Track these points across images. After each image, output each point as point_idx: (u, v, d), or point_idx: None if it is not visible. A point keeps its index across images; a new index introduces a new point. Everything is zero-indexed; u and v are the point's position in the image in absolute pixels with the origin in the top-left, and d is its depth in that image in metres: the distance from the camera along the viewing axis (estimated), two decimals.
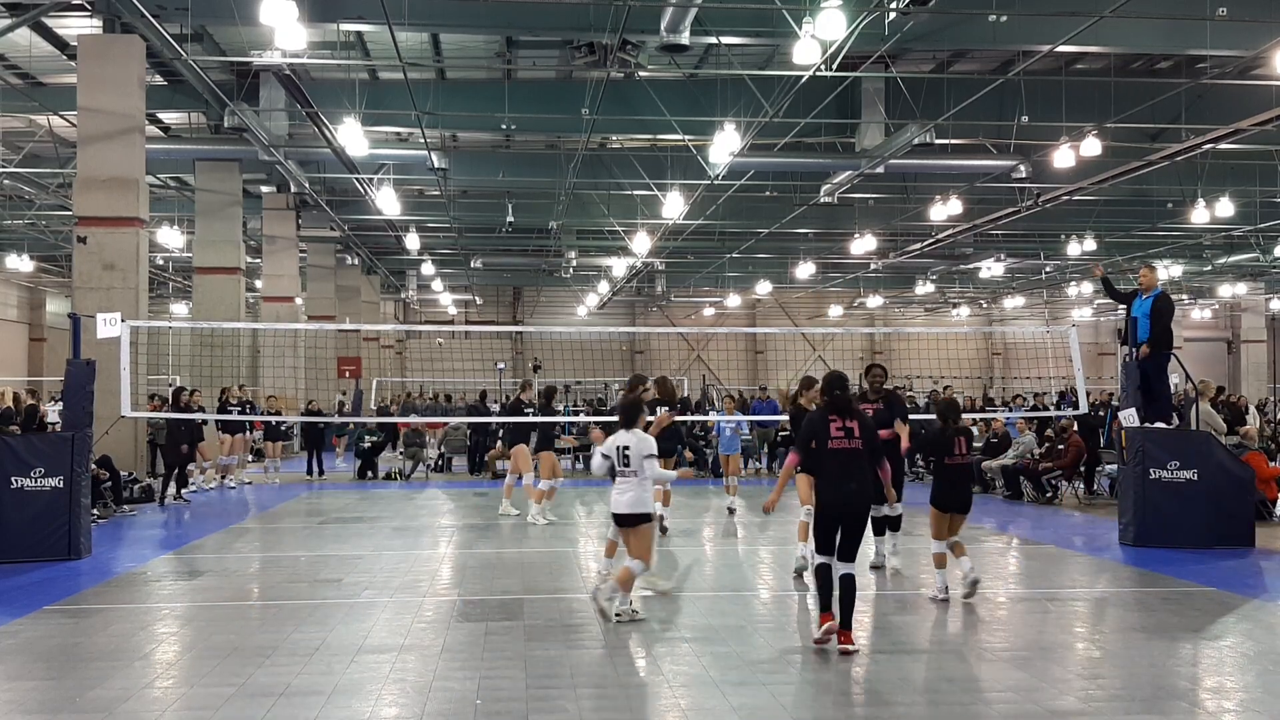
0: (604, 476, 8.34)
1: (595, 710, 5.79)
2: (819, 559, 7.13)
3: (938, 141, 18.57)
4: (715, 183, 21.68)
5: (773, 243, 31.68)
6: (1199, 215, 22.26)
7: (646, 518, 7.87)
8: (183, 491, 16.37)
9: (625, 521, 7.91)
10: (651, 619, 8.04)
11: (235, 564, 10.92)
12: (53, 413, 13.75)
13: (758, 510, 15.57)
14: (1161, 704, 5.90)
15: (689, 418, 17.57)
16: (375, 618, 8.10)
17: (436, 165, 20.68)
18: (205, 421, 17.77)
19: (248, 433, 20.39)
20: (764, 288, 38.97)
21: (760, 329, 45.89)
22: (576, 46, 16.11)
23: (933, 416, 11.10)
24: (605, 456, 8.14)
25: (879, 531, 10.14)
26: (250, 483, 19.58)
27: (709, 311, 47.19)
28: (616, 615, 7.77)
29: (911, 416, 10.76)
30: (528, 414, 14.52)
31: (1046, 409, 21.72)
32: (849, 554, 7.03)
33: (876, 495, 7.91)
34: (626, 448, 7.90)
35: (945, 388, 26.33)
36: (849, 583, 6.95)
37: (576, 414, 22.80)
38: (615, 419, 8.79)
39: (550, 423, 14.54)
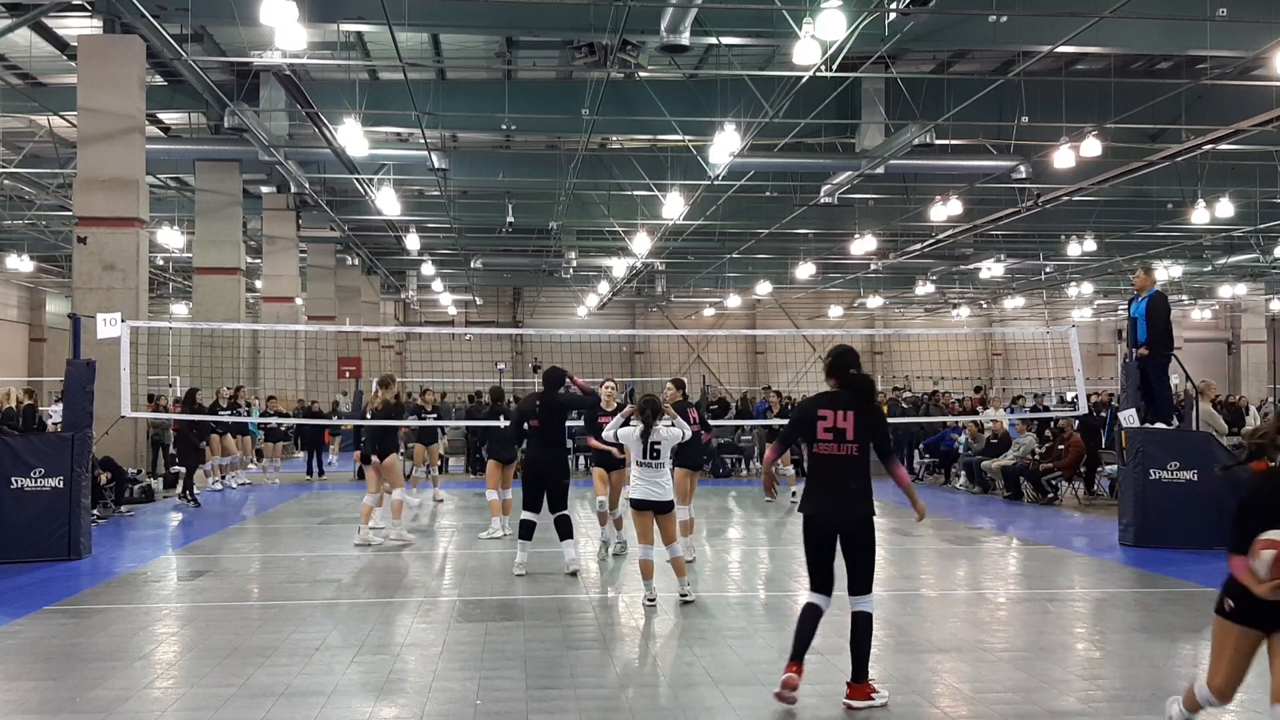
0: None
1: (595, 710, 5.79)
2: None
3: (938, 142, 18.55)
4: (715, 183, 21.67)
5: (773, 243, 31.67)
6: (1199, 216, 22.25)
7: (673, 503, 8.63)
8: (192, 493, 16.25)
9: (664, 509, 8.42)
10: (651, 620, 8.04)
11: (235, 564, 10.92)
12: (55, 414, 13.74)
13: (748, 509, 15.60)
14: (1161, 704, 5.88)
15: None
16: (375, 618, 8.10)
17: (436, 165, 20.68)
18: (214, 425, 17.69)
19: (249, 434, 20.41)
20: (764, 288, 38.98)
21: (760, 330, 45.91)
22: (576, 47, 16.10)
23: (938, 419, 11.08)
24: (622, 448, 8.80)
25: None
26: (250, 483, 19.57)
27: (709, 312, 47.18)
28: (684, 596, 8.54)
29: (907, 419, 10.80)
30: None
31: (1046, 409, 21.73)
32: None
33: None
34: (658, 442, 8.44)
35: (948, 391, 26.33)
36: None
37: None
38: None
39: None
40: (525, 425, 10.02)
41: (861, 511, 5.83)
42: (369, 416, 12.42)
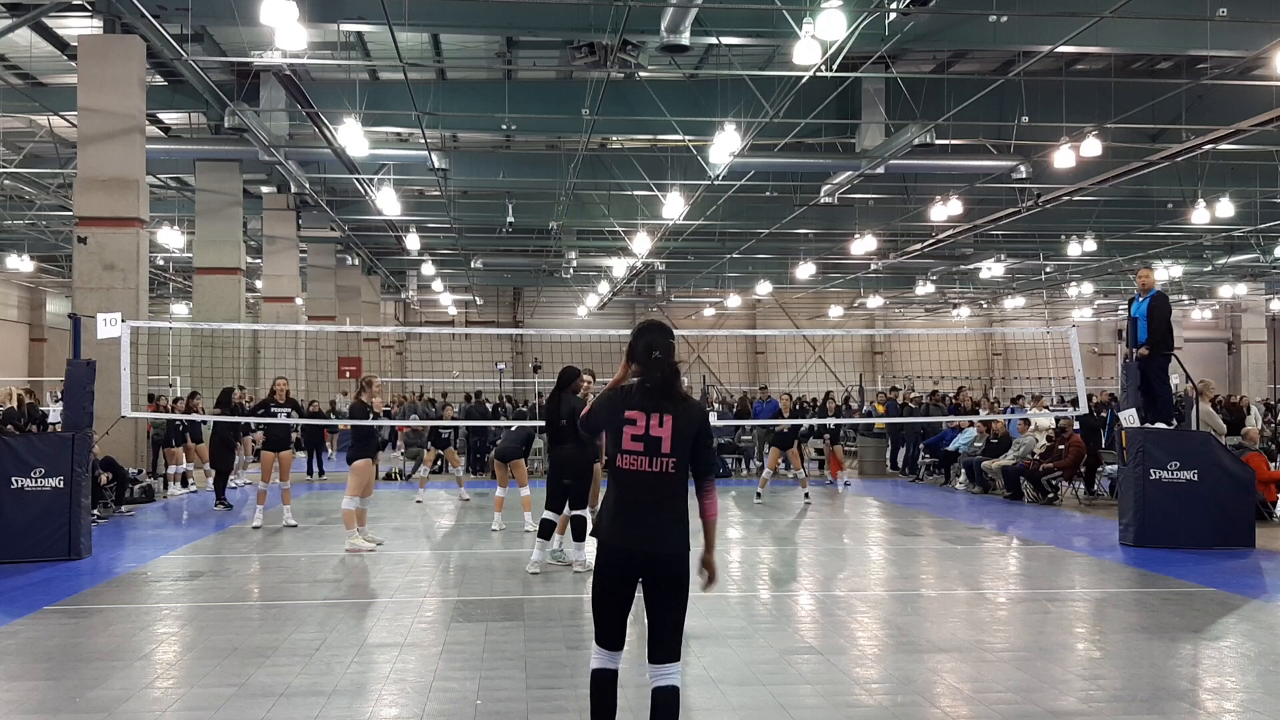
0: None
1: None
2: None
3: (938, 142, 18.56)
4: (715, 183, 21.68)
5: (773, 243, 31.69)
6: (1199, 216, 22.26)
7: None
8: (221, 496, 16.08)
9: None
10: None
11: (235, 564, 10.91)
12: (54, 413, 13.71)
13: (748, 509, 15.60)
14: (1161, 704, 5.90)
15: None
16: (375, 618, 8.10)
17: (436, 165, 20.69)
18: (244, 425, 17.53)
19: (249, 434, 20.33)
20: (764, 288, 38.99)
21: (760, 330, 45.94)
22: (576, 47, 16.11)
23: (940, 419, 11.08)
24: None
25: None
26: (250, 483, 19.55)
27: (709, 312, 47.19)
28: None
29: (913, 419, 10.79)
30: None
31: (1046, 409, 21.71)
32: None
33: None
34: None
35: (957, 390, 26.27)
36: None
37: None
38: None
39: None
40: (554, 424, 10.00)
41: (675, 547, 4.46)
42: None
